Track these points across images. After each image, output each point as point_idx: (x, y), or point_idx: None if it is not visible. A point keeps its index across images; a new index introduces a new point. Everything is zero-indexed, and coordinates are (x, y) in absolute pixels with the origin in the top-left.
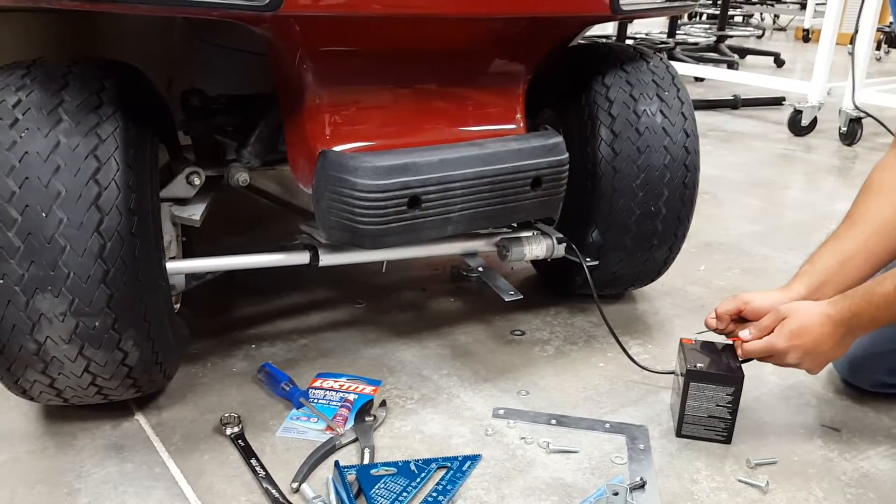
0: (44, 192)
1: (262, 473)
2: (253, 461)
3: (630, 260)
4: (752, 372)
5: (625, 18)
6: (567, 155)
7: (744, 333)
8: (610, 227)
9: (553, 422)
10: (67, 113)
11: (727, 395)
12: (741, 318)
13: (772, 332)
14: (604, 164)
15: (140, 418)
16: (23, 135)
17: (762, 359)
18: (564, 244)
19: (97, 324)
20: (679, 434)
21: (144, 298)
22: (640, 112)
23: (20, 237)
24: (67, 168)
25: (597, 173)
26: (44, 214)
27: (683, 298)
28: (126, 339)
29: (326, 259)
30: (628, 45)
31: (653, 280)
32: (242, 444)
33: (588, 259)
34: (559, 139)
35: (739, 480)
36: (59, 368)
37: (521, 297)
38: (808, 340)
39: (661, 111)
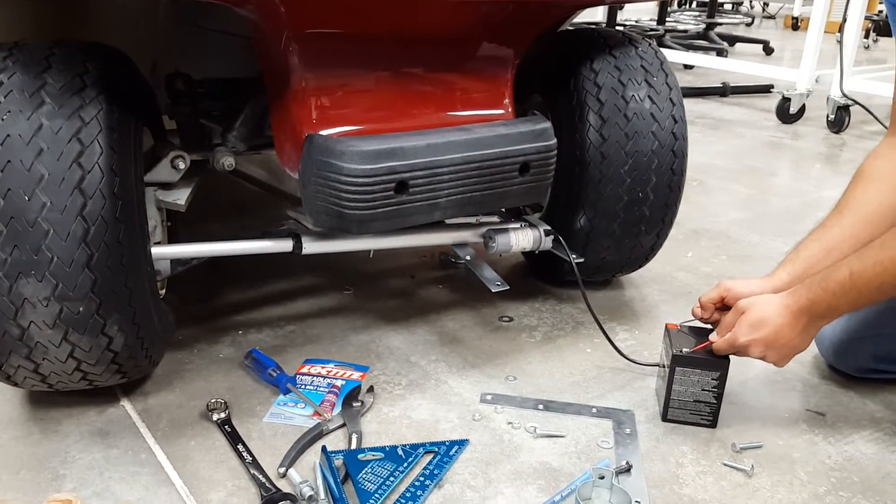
0: (26, 176)
1: (249, 459)
2: (240, 447)
3: (618, 246)
4: (738, 357)
5: (614, 3)
6: (555, 140)
7: (712, 335)
8: (598, 214)
9: (540, 407)
10: (50, 95)
11: (713, 379)
12: (725, 306)
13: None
14: (592, 150)
15: (126, 404)
16: (4, 117)
17: (734, 353)
18: (552, 237)
19: (81, 309)
20: (665, 418)
21: (129, 283)
22: (629, 98)
23: (2, 221)
24: (50, 151)
25: (585, 159)
26: (27, 198)
27: (671, 285)
28: (111, 324)
29: (310, 247)
30: (617, 30)
31: (640, 266)
32: (229, 429)
33: (574, 255)
34: (547, 125)
35: (725, 464)
36: (44, 353)
37: (508, 287)
38: (767, 332)
39: (649, 97)
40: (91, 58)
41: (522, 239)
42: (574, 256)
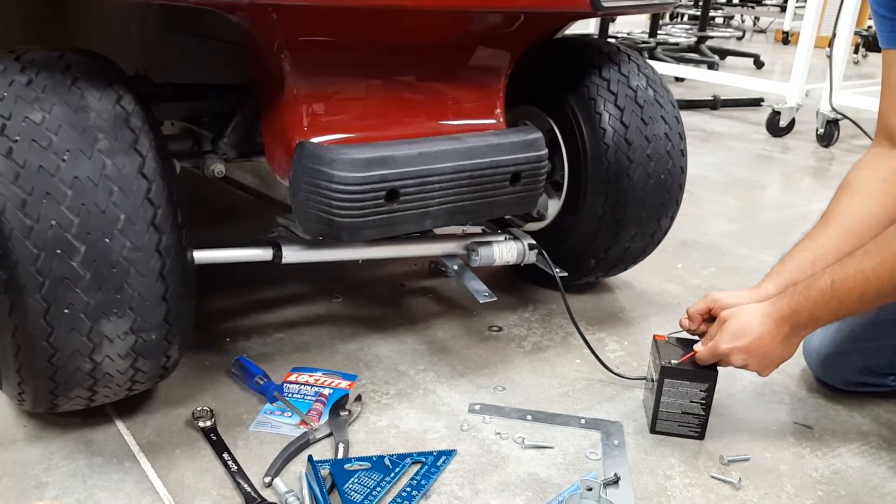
0: (104, 219)
1: (234, 468)
2: (225, 455)
3: (643, 232)
4: (727, 369)
5: (606, 15)
6: (546, 151)
7: (697, 346)
8: (629, 200)
9: (528, 417)
10: (101, 130)
11: (701, 391)
12: (712, 317)
13: None
14: (616, 138)
15: (111, 412)
16: (65, 158)
17: (717, 362)
18: (535, 251)
19: (154, 337)
20: (653, 430)
21: (189, 306)
22: (634, 87)
23: (85, 266)
24: (122, 192)
25: (610, 148)
26: (107, 241)
27: (660, 296)
28: (172, 346)
29: (290, 256)
30: (592, 37)
31: (650, 252)
32: (215, 437)
33: (558, 269)
34: (538, 135)
35: (712, 477)
36: (107, 382)
37: (496, 299)
38: (749, 341)
39: (649, 85)
40: (115, 77)
41: (506, 252)
42: (558, 270)
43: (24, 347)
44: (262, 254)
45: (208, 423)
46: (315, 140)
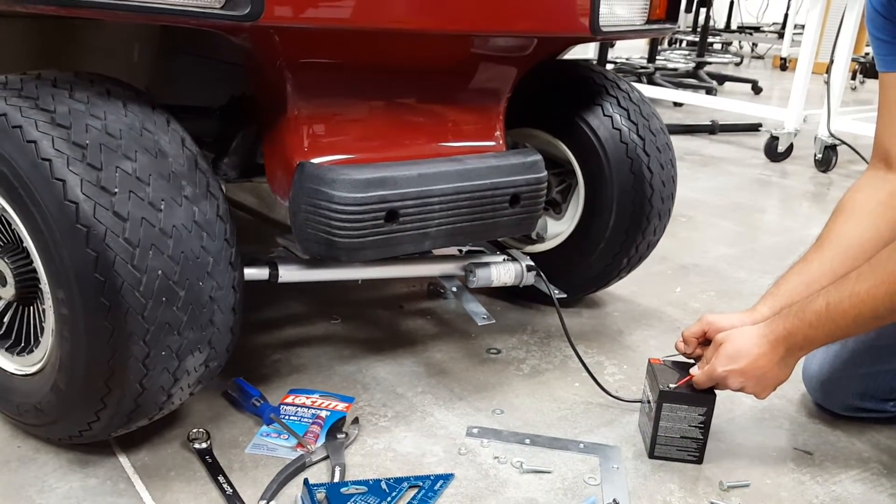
0: (198, 263)
1: (230, 491)
2: (220, 478)
3: (661, 223)
4: (726, 393)
5: (604, 40)
6: (545, 173)
7: (694, 369)
8: (653, 192)
9: (527, 441)
10: (182, 177)
11: (699, 415)
12: (708, 340)
13: None
14: (632, 136)
15: None
16: (161, 208)
17: (714, 386)
18: (534, 272)
19: (216, 364)
20: (651, 455)
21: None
22: (625, 89)
23: (183, 310)
24: (209, 236)
25: (629, 146)
26: (200, 283)
27: (659, 320)
28: (219, 368)
29: (287, 275)
30: (574, 60)
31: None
32: (210, 460)
33: (557, 291)
34: (538, 157)
35: (712, 503)
36: (166, 408)
37: (494, 321)
38: (744, 363)
39: (632, 88)
40: (168, 115)
41: (504, 273)
42: (557, 292)
43: (116, 390)
44: (258, 273)
45: (204, 445)
46: (315, 161)
